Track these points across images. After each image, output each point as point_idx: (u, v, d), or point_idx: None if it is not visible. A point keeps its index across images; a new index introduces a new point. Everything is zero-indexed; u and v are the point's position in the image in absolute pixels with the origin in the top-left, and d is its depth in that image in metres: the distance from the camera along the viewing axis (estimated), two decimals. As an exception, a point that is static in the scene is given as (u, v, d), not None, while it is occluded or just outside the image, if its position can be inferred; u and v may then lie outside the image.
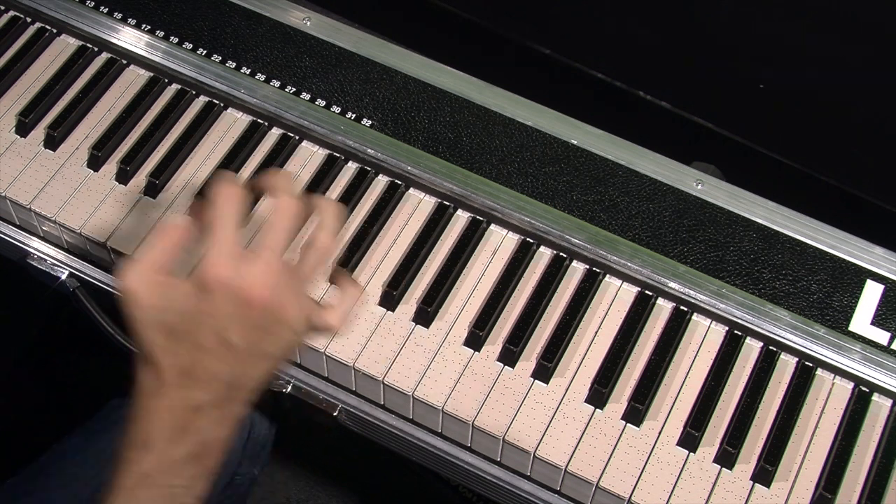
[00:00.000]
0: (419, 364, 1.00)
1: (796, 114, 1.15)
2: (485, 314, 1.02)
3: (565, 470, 0.95)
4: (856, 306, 1.02)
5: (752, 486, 0.94)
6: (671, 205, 1.08)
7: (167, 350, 0.80)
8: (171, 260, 0.81)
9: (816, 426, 0.97)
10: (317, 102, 1.15)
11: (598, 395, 0.98)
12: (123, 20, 1.21)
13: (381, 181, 1.12)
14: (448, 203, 1.10)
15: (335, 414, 1.05)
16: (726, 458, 0.95)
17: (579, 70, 1.23)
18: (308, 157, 1.14)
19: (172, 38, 1.19)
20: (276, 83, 1.16)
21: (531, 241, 1.08)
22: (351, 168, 1.13)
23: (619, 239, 1.06)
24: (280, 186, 0.83)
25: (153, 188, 1.11)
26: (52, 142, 1.14)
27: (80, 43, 1.22)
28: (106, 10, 1.22)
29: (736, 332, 1.02)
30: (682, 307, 1.03)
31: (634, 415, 0.97)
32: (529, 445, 0.96)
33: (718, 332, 1.03)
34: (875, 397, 0.99)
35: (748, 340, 1.02)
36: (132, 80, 1.20)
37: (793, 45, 1.09)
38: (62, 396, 1.95)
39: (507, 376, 1.00)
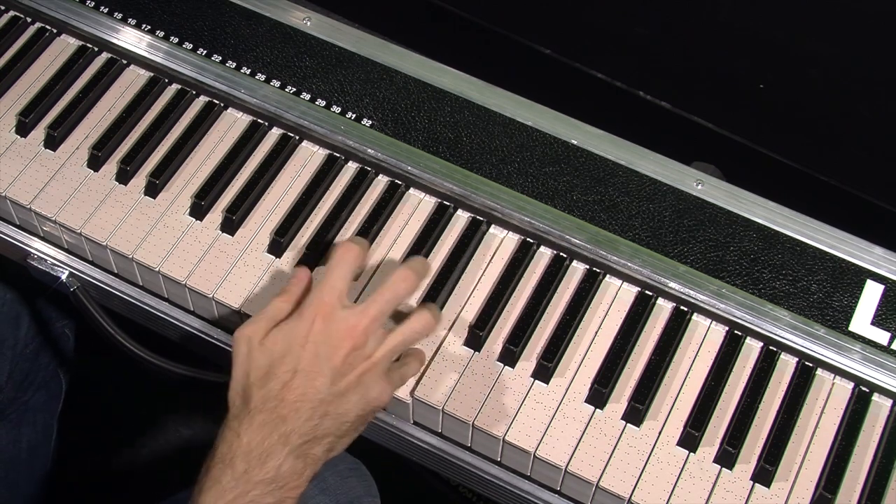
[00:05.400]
0: (419, 364, 1.00)
1: (796, 114, 1.15)
2: (485, 314, 1.02)
3: (565, 470, 0.95)
4: (856, 306, 1.02)
5: (752, 486, 0.94)
6: (671, 205, 1.08)
7: (264, 373, 0.88)
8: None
9: (816, 426, 0.97)
10: (317, 102, 1.15)
11: (599, 395, 0.98)
12: (123, 20, 1.21)
13: (381, 181, 1.12)
14: (448, 203, 1.10)
15: (335, 414, 1.04)
16: (726, 458, 0.95)
17: (579, 70, 1.23)
18: (308, 157, 1.14)
19: (172, 38, 1.19)
20: (276, 83, 1.16)
21: (531, 241, 1.07)
22: (351, 168, 1.13)
23: (619, 239, 1.06)
24: (409, 264, 0.96)
25: (153, 188, 1.11)
26: (52, 142, 1.14)
27: (80, 43, 1.22)
28: (106, 10, 1.22)
29: (736, 332, 1.02)
30: (682, 307, 1.03)
31: (634, 415, 0.97)
32: (529, 445, 0.96)
33: (718, 332, 1.03)
34: (875, 397, 0.99)
35: (748, 340, 1.02)
36: (132, 80, 1.20)
37: (793, 45, 1.09)
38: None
39: (507, 376, 1.00)
